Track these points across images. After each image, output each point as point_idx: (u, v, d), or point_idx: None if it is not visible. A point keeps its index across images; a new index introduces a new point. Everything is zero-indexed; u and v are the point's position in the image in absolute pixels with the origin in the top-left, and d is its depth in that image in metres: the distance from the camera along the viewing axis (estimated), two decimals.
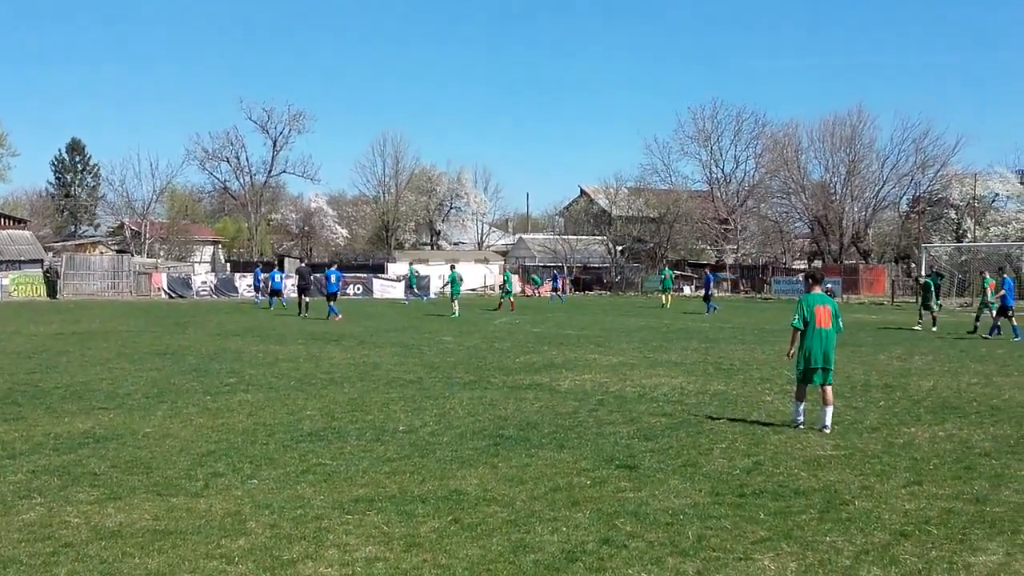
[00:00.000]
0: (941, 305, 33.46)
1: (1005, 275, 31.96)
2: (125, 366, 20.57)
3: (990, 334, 30.42)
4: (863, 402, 15.63)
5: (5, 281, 58.80)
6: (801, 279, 14.47)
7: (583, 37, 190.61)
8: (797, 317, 13.38)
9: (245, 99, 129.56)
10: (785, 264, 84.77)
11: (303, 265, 53.36)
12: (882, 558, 7.41)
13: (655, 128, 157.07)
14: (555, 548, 7.61)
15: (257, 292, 53.67)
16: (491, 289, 78.82)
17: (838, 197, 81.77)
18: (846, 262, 79.08)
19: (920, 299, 35.81)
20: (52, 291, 60.30)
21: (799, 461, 10.94)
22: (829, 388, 13.19)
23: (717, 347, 25.98)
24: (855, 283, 70.88)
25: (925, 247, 59.95)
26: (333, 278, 40.90)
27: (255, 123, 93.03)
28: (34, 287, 60.39)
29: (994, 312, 31.78)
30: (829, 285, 59.82)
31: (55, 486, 9.66)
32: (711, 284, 47.40)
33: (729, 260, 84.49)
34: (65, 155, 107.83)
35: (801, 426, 13.10)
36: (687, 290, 78.50)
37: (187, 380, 18.15)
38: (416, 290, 65.33)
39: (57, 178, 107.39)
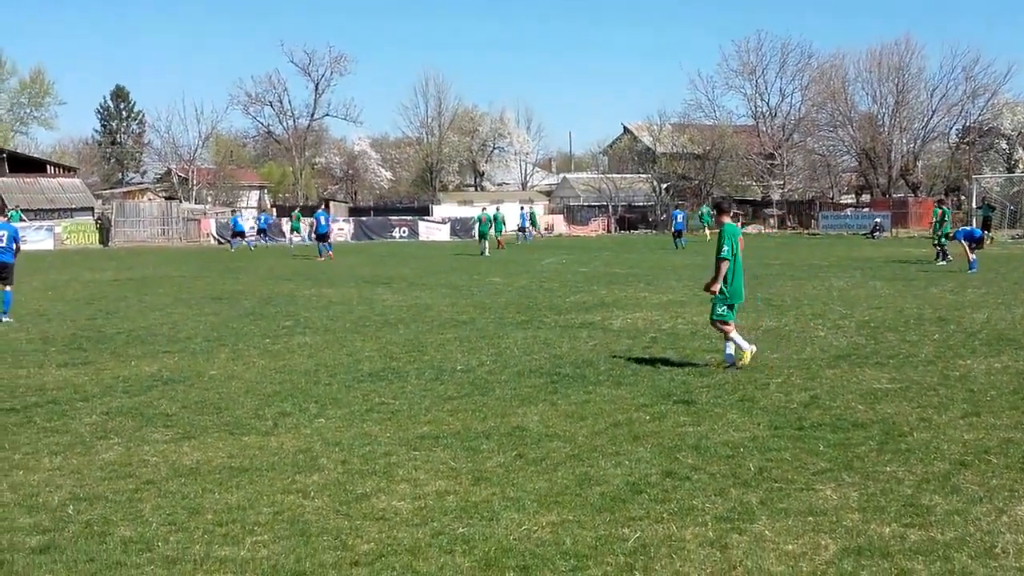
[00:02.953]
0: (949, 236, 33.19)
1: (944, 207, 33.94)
2: (183, 311, 20.98)
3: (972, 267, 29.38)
4: (917, 335, 15.63)
5: (58, 229, 59.65)
6: (712, 210, 14.16)
7: None
8: (727, 248, 12.66)
9: (286, 42, 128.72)
10: (833, 199, 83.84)
11: (322, 209, 55.29)
12: (943, 487, 7.52)
13: (699, 62, 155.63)
14: (620, 481, 7.80)
15: (261, 235, 58.38)
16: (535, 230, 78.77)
17: (886, 129, 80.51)
18: (895, 195, 78.14)
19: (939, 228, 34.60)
20: (104, 238, 61.16)
21: (855, 394, 11.04)
22: (730, 324, 12.94)
23: (767, 283, 25.95)
24: (904, 217, 69.99)
25: (976, 178, 59.14)
26: (323, 219, 43.51)
27: (297, 66, 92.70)
28: (86, 235, 61.26)
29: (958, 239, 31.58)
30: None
31: (130, 427, 9.99)
32: (677, 219, 51.43)
33: (775, 196, 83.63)
34: (110, 102, 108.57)
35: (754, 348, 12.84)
36: None
37: (245, 324, 18.50)
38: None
39: (103, 126, 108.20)
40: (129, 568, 6.12)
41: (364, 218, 73.05)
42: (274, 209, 52.45)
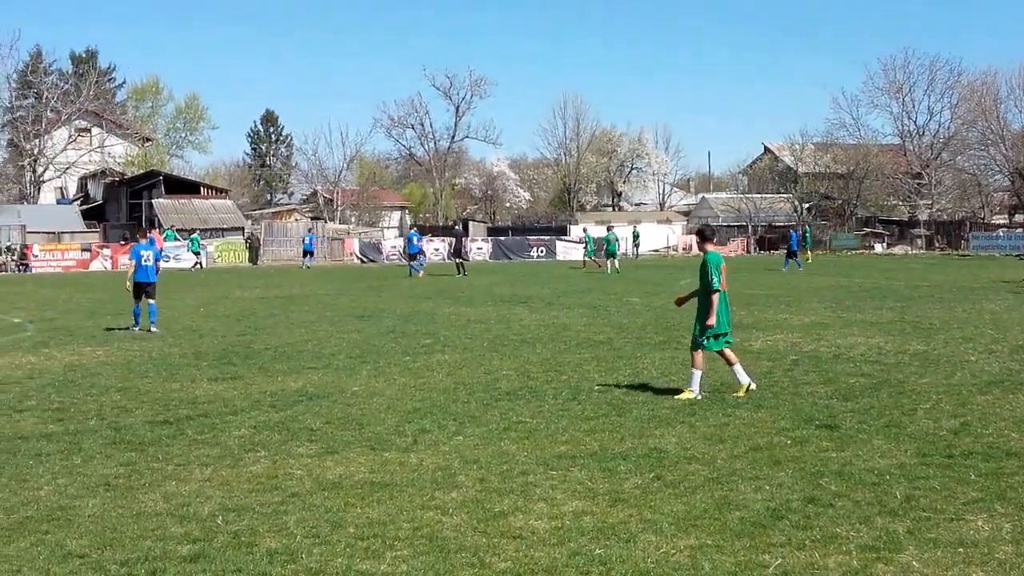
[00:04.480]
0: None
1: None
2: (327, 328, 21.50)
3: None
4: None
5: (211, 248, 61.93)
6: (696, 236, 13.60)
7: None
8: (716, 279, 12.22)
9: (428, 66, 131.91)
10: (984, 219, 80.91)
11: (457, 228, 57.56)
12: None
13: (842, 81, 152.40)
14: (760, 506, 7.66)
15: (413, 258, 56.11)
16: (673, 250, 78.34)
17: None
18: None
19: None
20: (253, 257, 63.20)
21: (1009, 422, 10.60)
22: (729, 349, 12.63)
23: (914, 306, 25.19)
24: None
25: None
26: (415, 240, 46.92)
27: (438, 89, 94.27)
28: (236, 253, 63.47)
29: None
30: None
31: (276, 440, 10.29)
32: (795, 241, 49.29)
33: (923, 216, 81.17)
34: (260, 127, 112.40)
35: (700, 396, 12.24)
36: (878, 248, 76.13)
37: (386, 341, 18.85)
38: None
39: (253, 149, 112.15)
40: None
41: (502, 238, 73.79)
42: (415, 229, 55.46)
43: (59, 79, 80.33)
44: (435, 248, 62.96)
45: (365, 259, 65.18)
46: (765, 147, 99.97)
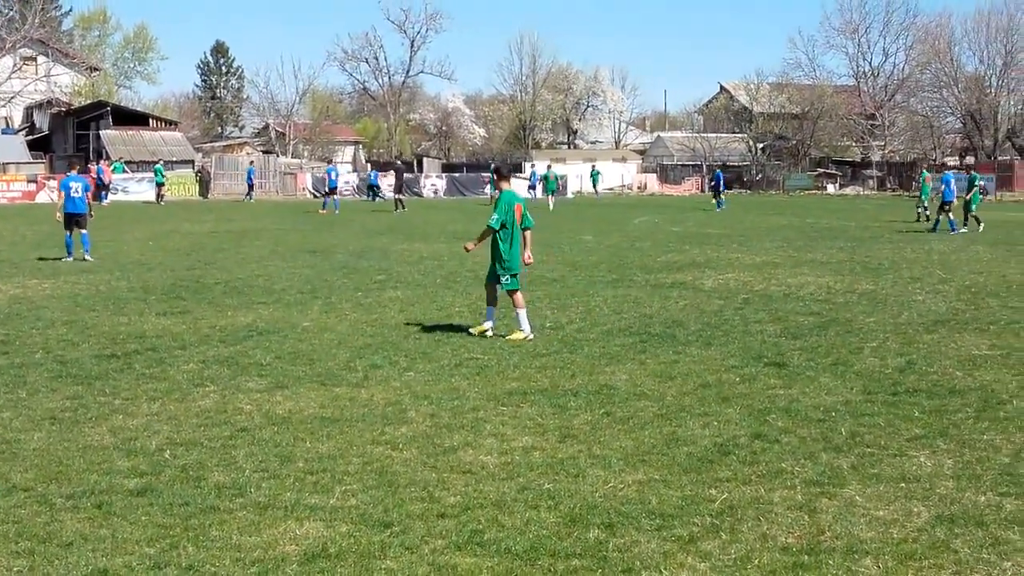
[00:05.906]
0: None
1: (946, 171, 34.56)
2: (279, 263, 21.33)
3: (934, 229, 31.66)
4: (1020, 301, 15.18)
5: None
6: (492, 175, 13.73)
7: None
8: (496, 217, 12.35)
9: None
10: (935, 161, 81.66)
11: (398, 164, 57.95)
12: None
13: (799, 21, 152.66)
14: (707, 442, 7.74)
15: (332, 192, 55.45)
16: (628, 188, 78.41)
17: (993, 90, 78.13)
18: (1000, 158, 75.80)
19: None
20: (204, 191, 62.36)
21: (953, 360, 10.77)
22: (519, 292, 12.62)
23: (864, 246, 25.45)
24: (1009, 180, 68.04)
25: None
26: (332, 175, 47.68)
27: (393, 23, 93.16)
28: (187, 187, 62.52)
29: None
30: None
31: (225, 375, 10.21)
32: (721, 181, 50.23)
33: (876, 157, 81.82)
34: (210, 58, 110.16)
35: (491, 333, 12.39)
36: (831, 188, 76.73)
37: (338, 277, 18.74)
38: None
39: (203, 80, 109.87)
40: (222, 512, 6.26)
41: (457, 174, 73.39)
42: (369, 164, 55.19)
43: (3, 5, 78.09)
44: (388, 184, 62.38)
45: (318, 194, 64.44)
46: (721, 86, 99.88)
